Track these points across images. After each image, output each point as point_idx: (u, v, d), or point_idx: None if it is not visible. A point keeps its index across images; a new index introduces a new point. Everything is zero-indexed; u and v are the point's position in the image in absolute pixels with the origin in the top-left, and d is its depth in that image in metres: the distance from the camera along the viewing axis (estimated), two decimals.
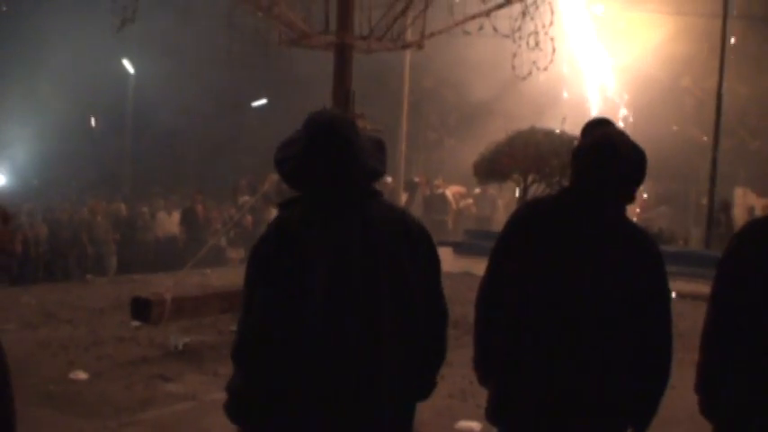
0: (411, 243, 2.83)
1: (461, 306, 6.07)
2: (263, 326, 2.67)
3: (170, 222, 18.21)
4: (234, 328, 8.84)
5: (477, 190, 21.00)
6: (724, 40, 17.41)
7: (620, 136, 3.13)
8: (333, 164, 2.73)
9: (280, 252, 2.70)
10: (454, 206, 22.13)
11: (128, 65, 28.38)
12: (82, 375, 7.15)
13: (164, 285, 8.82)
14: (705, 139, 21.74)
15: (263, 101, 29.48)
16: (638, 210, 19.55)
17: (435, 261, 2.93)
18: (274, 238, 2.75)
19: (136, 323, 8.66)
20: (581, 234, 3.06)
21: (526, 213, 3.28)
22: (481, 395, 3.46)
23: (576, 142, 3.34)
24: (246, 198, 20.19)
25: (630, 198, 3.12)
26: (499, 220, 20.44)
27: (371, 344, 2.69)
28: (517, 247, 3.15)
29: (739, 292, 3.06)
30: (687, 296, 10.62)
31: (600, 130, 3.16)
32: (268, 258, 2.72)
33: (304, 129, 2.82)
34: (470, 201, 22.16)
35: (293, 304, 2.66)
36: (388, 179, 20.74)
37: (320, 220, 2.74)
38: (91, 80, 25.29)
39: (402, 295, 2.76)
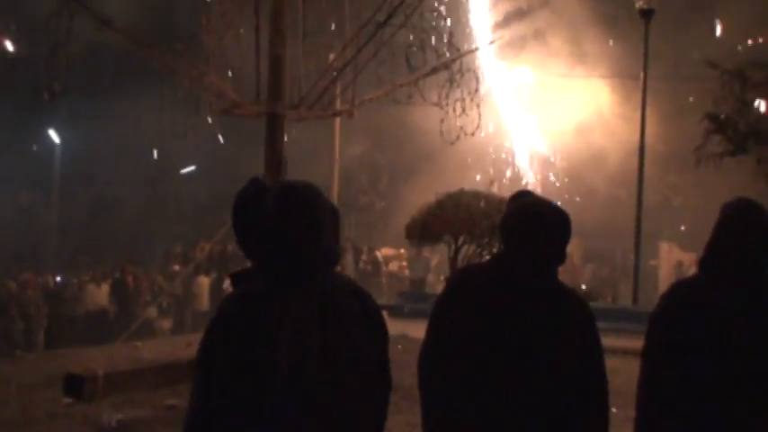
0: (367, 317, 2.86)
1: (399, 370, 6.03)
2: (219, 407, 2.64)
3: (99, 294, 17.87)
4: (170, 402, 8.71)
5: (403, 251, 21.16)
6: (644, 99, 18.05)
7: (544, 202, 3.29)
8: (302, 244, 2.72)
9: (243, 327, 2.66)
10: (386, 268, 22.28)
11: (54, 135, 28.06)
12: None
13: (94, 360, 8.64)
14: (624, 196, 22.34)
15: (191, 168, 29.36)
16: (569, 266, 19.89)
17: (386, 333, 2.97)
18: (237, 312, 2.70)
19: (68, 400, 8.44)
20: (513, 298, 3.15)
21: (461, 279, 3.38)
22: None
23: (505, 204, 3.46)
24: (177, 268, 20.02)
25: (561, 259, 3.24)
26: (431, 281, 20.62)
27: (331, 422, 2.70)
28: (453, 313, 3.23)
29: (671, 349, 3.18)
30: (618, 352, 10.80)
31: (524, 199, 3.30)
32: (229, 332, 2.68)
33: (279, 201, 2.76)
34: (403, 263, 22.31)
35: (252, 382, 2.63)
36: None
37: (281, 294, 2.70)
38: (16, 150, 24.93)
39: (358, 371, 2.78)
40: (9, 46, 19.59)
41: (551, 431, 3.09)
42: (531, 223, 3.16)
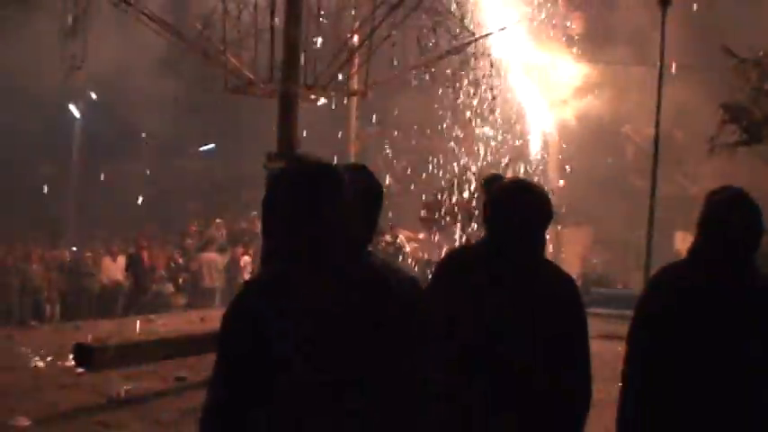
0: (395, 310, 2.50)
1: None
2: (227, 401, 2.39)
3: (115, 268, 18.05)
4: (179, 374, 8.85)
5: (422, 236, 21.20)
6: (660, 87, 17.91)
7: (525, 181, 3.42)
8: (309, 235, 2.48)
9: (248, 320, 2.41)
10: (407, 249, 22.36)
11: (74, 109, 28.23)
12: (24, 422, 7.08)
13: (107, 331, 8.81)
14: (640, 184, 22.23)
15: (210, 146, 29.45)
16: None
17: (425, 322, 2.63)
18: (246, 304, 2.46)
19: (79, 369, 8.61)
20: (499, 278, 3.22)
21: (449, 261, 3.47)
22: None
23: None
24: (192, 242, 20.22)
25: (543, 240, 3.31)
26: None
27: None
28: (442, 294, 3.29)
29: (652, 335, 3.25)
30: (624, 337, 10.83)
31: (502, 181, 3.38)
32: (237, 322, 2.44)
33: (288, 182, 2.56)
34: (416, 245, 22.35)
35: (260, 381, 2.38)
36: None
37: (293, 285, 2.46)
38: (37, 123, 25.07)
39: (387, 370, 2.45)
40: None
41: (534, 407, 3.16)
42: (520, 197, 3.23)
